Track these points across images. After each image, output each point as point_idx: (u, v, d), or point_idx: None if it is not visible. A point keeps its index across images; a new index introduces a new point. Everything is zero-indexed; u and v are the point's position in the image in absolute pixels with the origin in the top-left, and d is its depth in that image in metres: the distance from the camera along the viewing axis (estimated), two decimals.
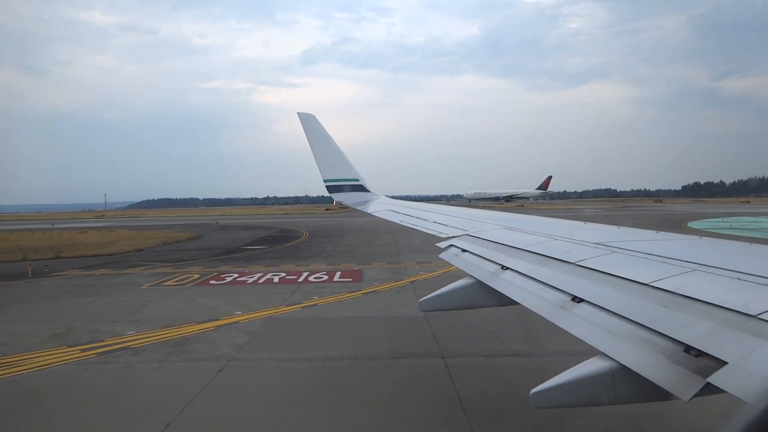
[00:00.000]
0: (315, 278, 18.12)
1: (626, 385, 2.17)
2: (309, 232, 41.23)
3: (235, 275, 19.25)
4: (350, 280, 17.76)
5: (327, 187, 11.09)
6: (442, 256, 4.86)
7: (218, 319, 12.24)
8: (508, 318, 10.64)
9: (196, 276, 19.30)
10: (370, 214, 9.50)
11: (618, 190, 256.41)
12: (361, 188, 11.34)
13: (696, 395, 1.85)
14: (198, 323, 11.90)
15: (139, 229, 48.75)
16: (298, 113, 10.91)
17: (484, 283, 3.72)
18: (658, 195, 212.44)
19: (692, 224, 41.88)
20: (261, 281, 17.83)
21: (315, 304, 13.74)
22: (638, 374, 2.05)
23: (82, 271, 21.57)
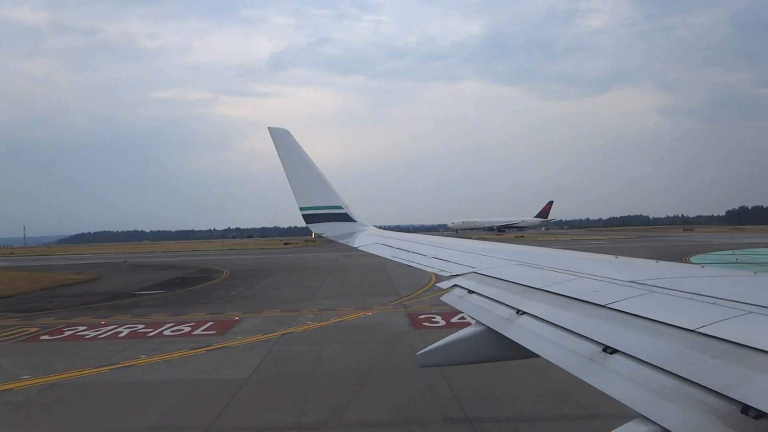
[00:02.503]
0: (173, 331, 18.05)
1: None
2: (231, 272, 41.25)
3: (83, 328, 19.04)
4: (214, 332, 17.73)
5: (304, 216, 11.02)
6: (444, 298, 4.84)
7: None
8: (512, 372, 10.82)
9: (34, 330, 19.03)
10: (356, 249, 9.61)
11: (650, 217, 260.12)
12: (345, 217, 11.31)
13: None
14: None
15: (34, 270, 48.31)
16: (268, 128, 10.94)
17: (496, 332, 3.65)
18: (697, 222, 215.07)
19: (696, 258, 42.26)
20: (104, 335, 17.66)
21: (132, 365, 13.60)
22: None
23: None
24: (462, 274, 5.30)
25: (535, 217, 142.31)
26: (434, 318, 18.96)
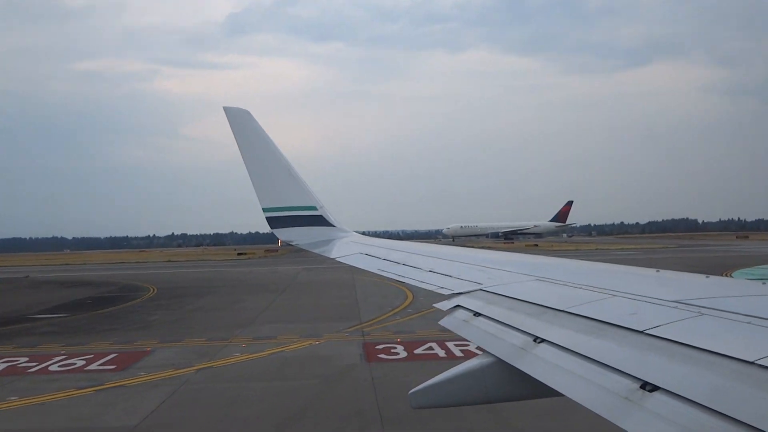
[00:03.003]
0: (62, 365, 17.96)
1: None
2: (159, 291, 41.09)
3: None
4: (113, 367, 17.70)
5: (268, 219, 10.94)
6: (443, 323, 4.81)
7: None
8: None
9: None
10: (334, 260, 9.61)
11: (699, 221, 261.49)
12: (320, 221, 11.26)
13: None
14: None
15: None
16: (224, 108, 10.86)
17: (509, 364, 3.67)
18: (757, 227, 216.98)
19: (740, 272, 42.70)
20: None
21: None
22: None
23: None
24: (466, 292, 5.37)
25: (551, 221, 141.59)
26: (394, 348, 19.07)
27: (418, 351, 18.38)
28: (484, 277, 5.77)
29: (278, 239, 11.46)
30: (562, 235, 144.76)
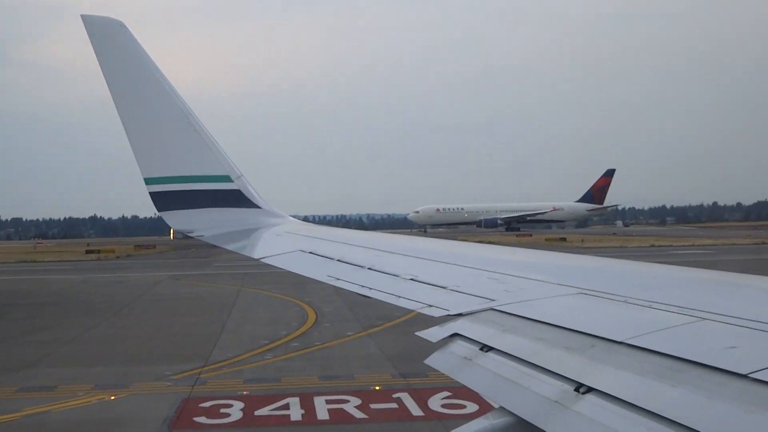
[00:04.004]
0: None
1: None
2: None
3: None
4: None
5: (153, 195, 8.46)
6: (431, 362, 3.62)
7: None
8: None
9: None
10: (259, 262, 7.25)
11: None
12: (238, 199, 8.74)
13: None
14: None
15: None
16: (83, 17, 8.32)
17: (536, 427, 2.84)
18: None
19: None
20: None
21: None
22: None
23: None
24: (469, 313, 4.12)
25: (580, 201, 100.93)
26: (227, 406, 13.43)
27: (262, 412, 12.88)
28: (497, 290, 4.57)
29: (170, 228, 9.19)
30: (616, 223, 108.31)
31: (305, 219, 11.24)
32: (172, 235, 8.09)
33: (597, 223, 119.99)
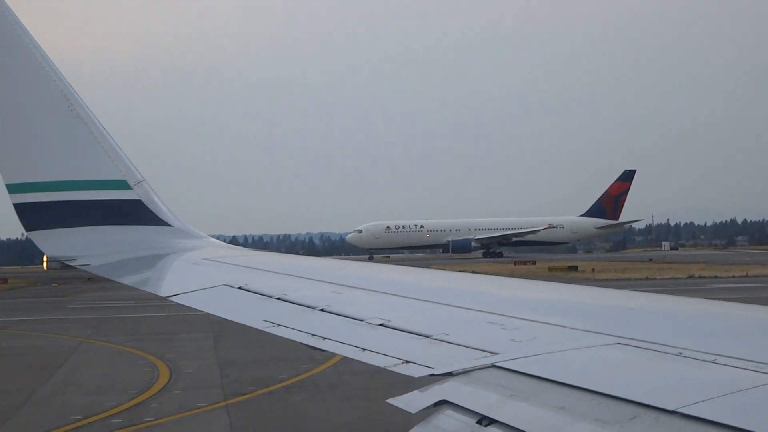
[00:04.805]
0: None
1: None
2: None
3: None
4: None
5: (18, 208, 6.97)
6: None
7: None
8: None
9: None
10: (167, 301, 5.99)
11: None
12: (138, 213, 7.24)
13: None
14: None
15: None
16: None
17: None
18: None
19: None
20: None
21: None
22: None
23: None
24: (461, 372, 3.43)
25: (585, 215, 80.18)
26: None
27: None
28: (501, 338, 3.85)
29: (43, 255, 7.19)
30: (662, 245, 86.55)
31: (232, 241, 9.93)
32: (45, 264, 6.73)
33: (639, 245, 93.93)
